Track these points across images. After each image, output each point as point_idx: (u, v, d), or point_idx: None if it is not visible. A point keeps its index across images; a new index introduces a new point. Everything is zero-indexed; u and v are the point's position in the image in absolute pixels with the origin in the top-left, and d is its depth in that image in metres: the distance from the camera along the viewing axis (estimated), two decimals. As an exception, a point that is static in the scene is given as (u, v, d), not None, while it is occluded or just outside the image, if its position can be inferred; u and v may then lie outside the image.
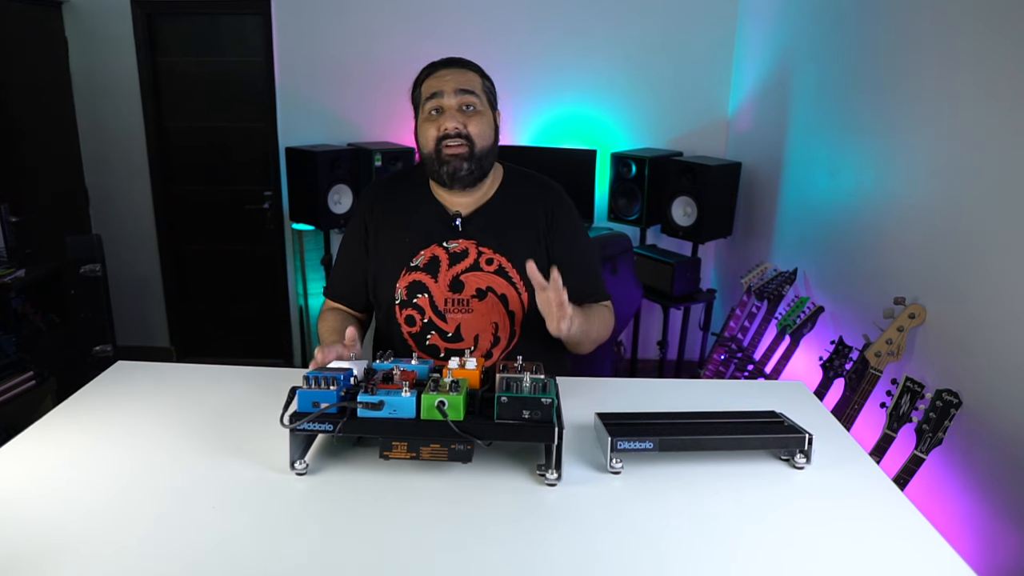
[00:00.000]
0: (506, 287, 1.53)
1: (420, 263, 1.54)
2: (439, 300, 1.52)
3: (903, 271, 2.17)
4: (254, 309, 4.27)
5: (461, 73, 1.50)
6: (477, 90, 1.50)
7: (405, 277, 1.54)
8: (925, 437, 1.85)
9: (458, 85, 1.47)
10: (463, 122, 1.46)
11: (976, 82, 1.87)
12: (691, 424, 1.25)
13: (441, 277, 1.53)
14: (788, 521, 1.06)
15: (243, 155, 4.02)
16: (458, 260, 1.53)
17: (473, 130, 1.47)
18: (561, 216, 1.59)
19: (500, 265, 1.53)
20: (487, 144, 1.50)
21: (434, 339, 1.54)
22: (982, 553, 1.78)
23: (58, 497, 1.08)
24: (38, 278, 3.12)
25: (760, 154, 3.41)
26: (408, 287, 1.54)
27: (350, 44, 3.75)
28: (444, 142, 1.46)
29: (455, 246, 1.54)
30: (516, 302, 1.53)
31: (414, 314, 1.54)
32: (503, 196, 1.59)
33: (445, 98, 1.47)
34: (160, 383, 1.50)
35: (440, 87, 1.47)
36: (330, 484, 1.13)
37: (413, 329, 1.55)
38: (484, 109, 1.51)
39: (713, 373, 3.02)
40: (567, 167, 3.64)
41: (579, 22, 3.71)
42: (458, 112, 1.47)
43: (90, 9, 3.74)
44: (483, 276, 1.52)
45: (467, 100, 1.47)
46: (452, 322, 1.53)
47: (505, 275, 1.53)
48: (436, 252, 1.54)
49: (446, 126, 1.46)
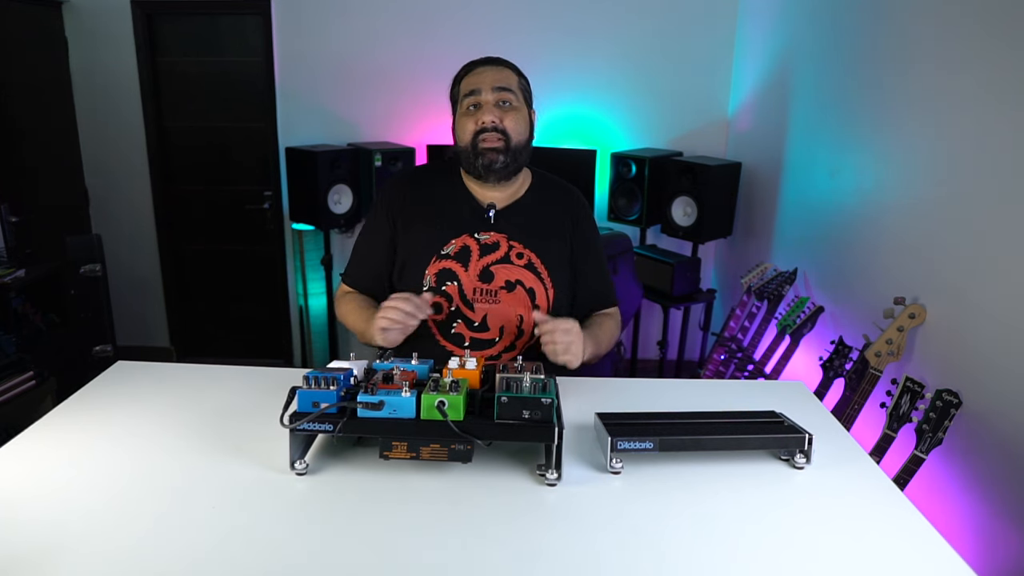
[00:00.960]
0: (535, 281, 1.57)
1: (451, 251, 1.57)
2: (468, 289, 1.55)
3: (903, 271, 2.17)
4: (254, 309, 4.27)
5: (499, 71, 1.56)
6: (514, 87, 1.56)
7: (435, 264, 1.57)
8: (925, 437, 1.85)
9: (495, 83, 1.54)
10: (500, 117, 1.52)
11: (976, 82, 1.87)
12: (691, 424, 1.25)
13: (472, 266, 1.56)
14: (788, 521, 1.06)
15: (243, 155, 4.02)
16: (489, 251, 1.57)
17: (509, 125, 1.53)
18: (583, 222, 1.67)
19: (530, 260, 1.57)
20: (522, 140, 1.56)
21: (460, 328, 1.56)
22: (982, 553, 1.78)
23: (58, 497, 1.08)
24: (38, 278, 3.12)
25: (760, 154, 3.42)
26: (438, 274, 1.56)
27: (350, 44, 3.75)
28: (481, 135, 1.52)
29: (486, 238, 1.58)
30: (543, 297, 1.57)
31: (442, 302, 1.56)
32: (533, 196, 1.65)
33: (483, 94, 1.53)
34: (160, 383, 1.50)
35: (478, 84, 1.54)
36: (330, 484, 1.13)
37: (439, 317, 1.57)
38: (520, 106, 1.57)
39: (713, 373, 3.02)
40: (567, 167, 3.64)
41: (579, 22, 3.72)
42: (495, 107, 1.53)
43: (90, 9, 3.74)
44: (513, 269, 1.56)
45: (504, 96, 1.54)
46: (479, 311, 1.55)
47: (534, 270, 1.57)
48: (467, 242, 1.57)
49: (483, 120, 1.52)
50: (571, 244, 1.63)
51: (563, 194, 1.69)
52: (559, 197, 1.67)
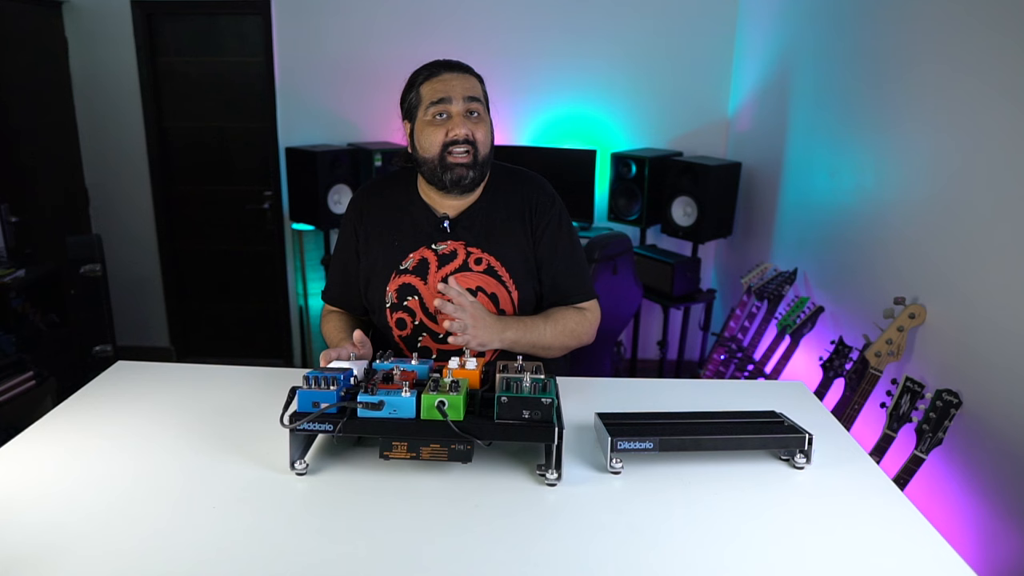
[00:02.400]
0: (496, 286, 1.53)
1: (409, 266, 1.54)
2: (429, 302, 1.52)
3: (903, 271, 2.17)
4: (254, 309, 4.27)
5: (466, 79, 1.51)
6: (480, 96, 1.51)
7: (395, 280, 1.54)
8: (925, 437, 1.85)
9: (465, 92, 1.48)
10: (471, 129, 1.47)
11: (976, 81, 1.87)
12: (691, 424, 1.25)
13: (430, 279, 1.53)
14: (788, 521, 1.06)
15: (243, 155, 4.02)
16: (447, 261, 1.53)
17: (479, 137, 1.48)
18: (544, 206, 1.58)
19: (489, 264, 1.54)
20: (488, 151, 1.52)
21: (426, 341, 1.54)
22: (982, 553, 1.78)
23: (58, 497, 1.08)
24: (38, 278, 3.12)
25: (760, 154, 3.42)
26: (398, 290, 1.54)
27: (350, 44, 3.75)
28: (450, 148, 1.47)
29: (444, 248, 1.54)
30: (507, 300, 1.54)
31: (405, 317, 1.54)
32: (489, 195, 1.59)
33: (453, 103, 1.47)
34: (160, 383, 1.50)
35: (447, 92, 1.47)
36: (330, 484, 1.13)
37: (404, 332, 1.55)
38: (486, 116, 1.53)
39: (713, 373, 3.02)
40: (567, 167, 3.64)
41: (579, 22, 3.71)
42: (465, 119, 1.47)
43: (90, 9, 3.74)
44: (472, 276, 1.53)
45: (472, 107, 1.49)
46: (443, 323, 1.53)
47: (495, 274, 1.53)
48: (425, 254, 1.54)
49: (455, 132, 1.46)
50: (531, 235, 1.56)
51: (519, 183, 1.61)
52: (514, 187, 1.60)
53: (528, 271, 1.56)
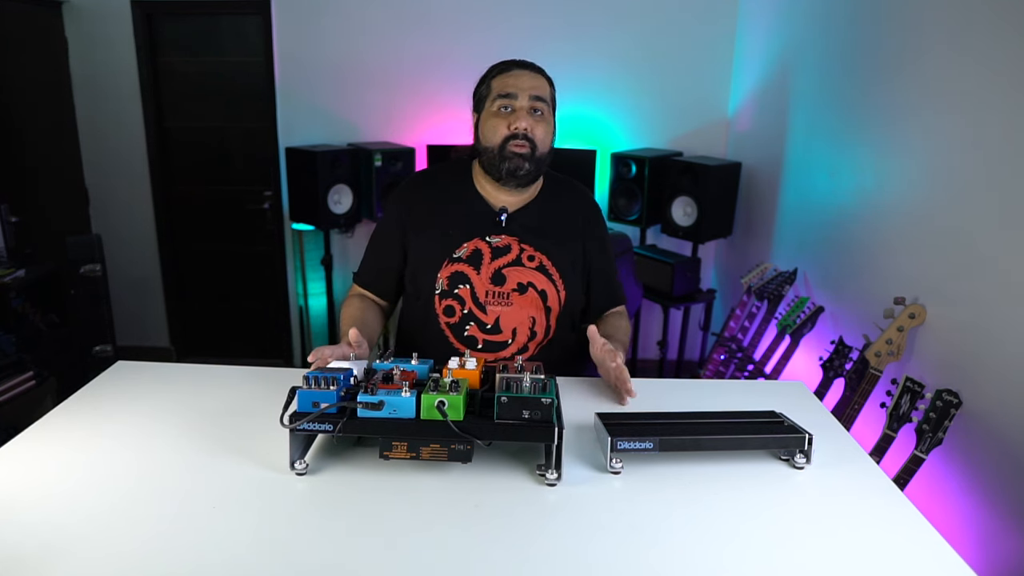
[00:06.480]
0: (546, 283, 1.58)
1: (463, 255, 1.57)
2: (480, 292, 1.56)
3: (903, 271, 2.17)
4: (254, 309, 4.27)
5: (535, 78, 1.57)
6: (547, 97, 1.57)
7: (447, 267, 1.57)
8: (925, 437, 1.85)
9: (532, 90, 1.54)
10: (532, 125, 1.52)
11: (976, 81, 1.87)
12: (691, 424, 1.25)
13: (484, 270, 1.56)
14: (788, 521, 1.06)
15: (243, 155, 4.02)
16: (501, 254, 1.57)
17: (538, 135, 1.54)
18: (595, 223, 1.69)
19: (541, 263, 1.58)
20: (546, 150, 1.58)
21: (473, 330, 1.57)
22: (982, 553, 1.78)
23: (58, 497, 1.08)
24: (38, 278, 3.12)
25: (760, 154, 3.42)
26: (450, 277, 1.57)
27: (350, 44, 3.75)
28: (511, 139, 1.52)
29: (498, 241, 1.58)
30: (555, 298, 1.59)
31: (454, 304, 1.57)
32: (545, 198, 1.66)
33: (519, 99, 1.54)
34: (160, 383, 1.50)
35: (515, 87, 1.54)
36: (330, 484, 1.13)
37: (452, 319, 1.57)
38: (550, 117, 1.59)
39: (713, 373, 3.02)
40: (567, 167, 3.61)
41: (579, 22, 3.72)
42: (528, 115, 1.53)
43: (90, 9, 3.75)
44: (525, 271, 1.57)
45: (537, 106, 1.55)
46: (492, 314, 1.56)
47: (546, 272, 1.58)
48: (479, 245, 1.58)
49: (517, 124, 1.52)
50: (583, 245, 1.64)
51: (575, 195, 1.71)
52: (571, 198, 1.69)
53: (576, 275, 1.63)
